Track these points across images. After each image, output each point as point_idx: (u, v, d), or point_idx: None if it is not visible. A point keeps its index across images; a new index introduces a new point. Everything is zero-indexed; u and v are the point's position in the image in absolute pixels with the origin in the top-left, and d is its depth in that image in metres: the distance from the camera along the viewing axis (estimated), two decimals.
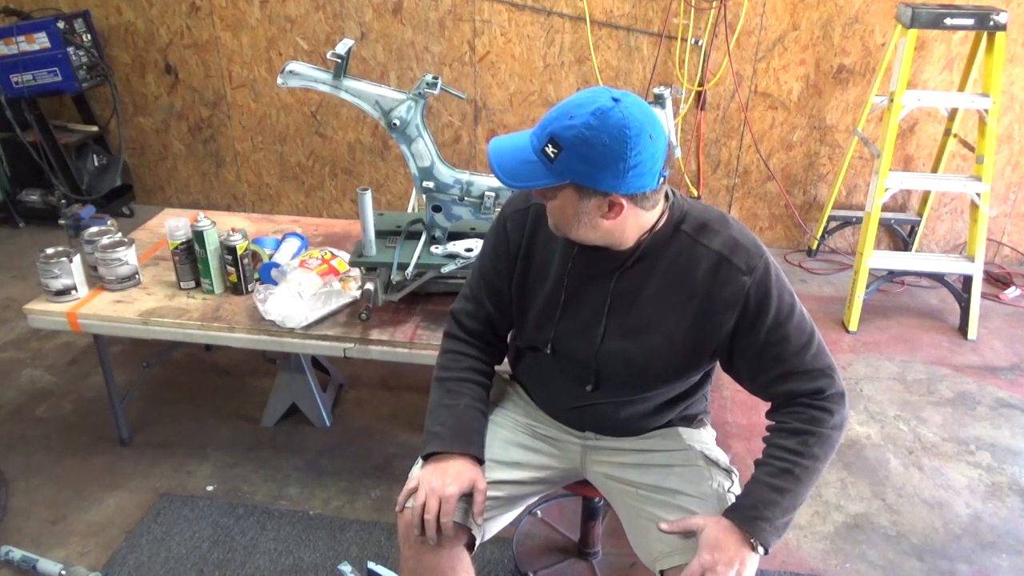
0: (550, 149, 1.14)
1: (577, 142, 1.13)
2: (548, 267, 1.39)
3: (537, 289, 1.41)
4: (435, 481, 1.32)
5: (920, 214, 3.63)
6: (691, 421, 1.51)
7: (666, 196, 1.30)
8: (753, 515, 1.23)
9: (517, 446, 1.50)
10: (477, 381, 1.47)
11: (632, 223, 1.24)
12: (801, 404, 1.28)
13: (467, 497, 1.38)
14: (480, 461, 1.40)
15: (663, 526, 1.28)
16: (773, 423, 1.32)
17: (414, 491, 1.34)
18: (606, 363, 1.37)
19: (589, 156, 1.13)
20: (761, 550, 1.23)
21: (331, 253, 2.21)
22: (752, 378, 1.33)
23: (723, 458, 1.44)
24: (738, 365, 1.33)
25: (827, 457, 1.27)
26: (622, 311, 1.33)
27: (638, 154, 1.13)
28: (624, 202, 1.19)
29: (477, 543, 1.43)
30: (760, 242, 1.30)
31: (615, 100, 1.13)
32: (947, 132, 3.40)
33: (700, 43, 3.44)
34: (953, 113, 3.35)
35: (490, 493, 1.41)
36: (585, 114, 1.13)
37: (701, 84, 3.51)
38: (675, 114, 2.26)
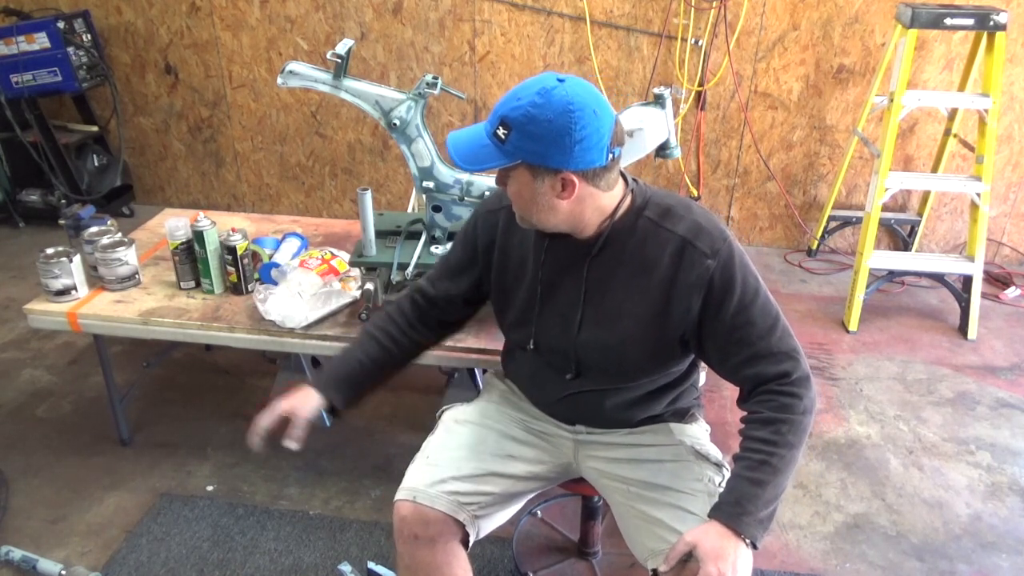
0: (501, 131, 1.21)
1: (524, 120, 1.18)
2: (524, 266, 1.42)
3: (516, 288, 1.44)
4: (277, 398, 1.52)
5: (920, 214, 3.63)
6: (682, 416, 1.52)
7: (626, 182, 1.33)
8: (737, 511, 1.23)
9: (510, 439, 1.52)
10: (380, 341, 1.52)
11: (590, 205, 1.28)
12: (769, 391, 1.29)
13: (459, 493, 1.41)
14: (328, 399, 1.51)
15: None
16: (745, 414, 1.33)
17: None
18: (584, 352, 1.39)
19: (536, 133, 1.18)
20: (751, 544, 1.23)
21: (331, 253, 2.21)
22: (720, 362, 1.35)
23: (714, 452, 1.45)
24: (707, 349, 1.34)
25: (801, 443, 1.28)
26: (596, 300, 1.36)
27: (583, 128, 1.18)
28: (576, 179, 1.23)
29: (472, 539, 1.44)
30: (724, 226, 1.32)
31: (559, 80, 1.20)
32: (947, 132, 3.40)
33: (700, 43, 3.44)
34: (953, 113, 3.35)
35: (486, 489, 1.44)
36: (531, 94, 1.19)
37: (701, 84, 3.51)
38: (675, 114, 2.25)
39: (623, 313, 1.34)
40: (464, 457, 1.47)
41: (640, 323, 1.33)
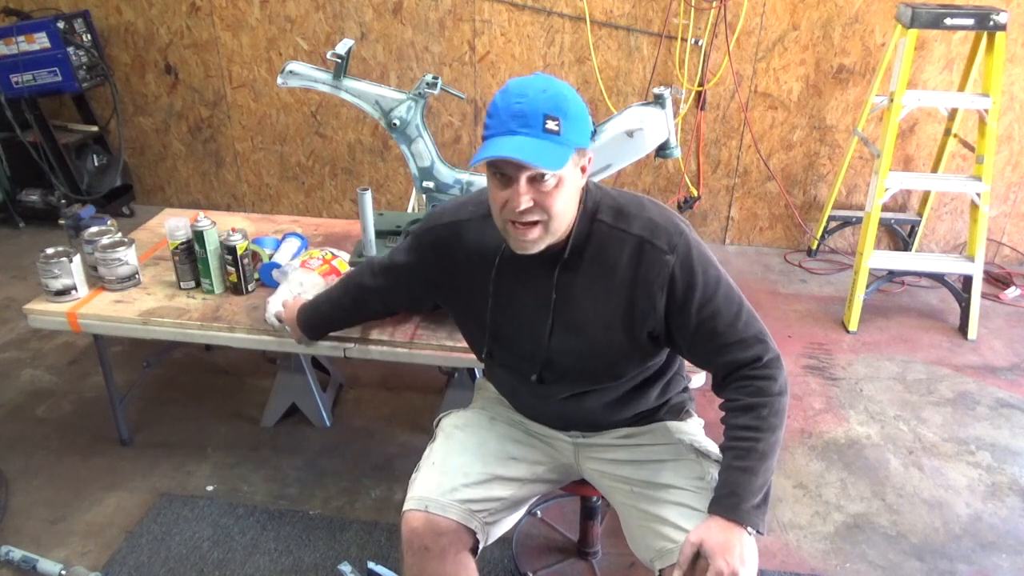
0: (552, 124, 1.17)
1: (563, 103, 1.19)
2: (474, 279, 1.40)
3: (469, 302, 1.44)
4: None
5: (920, 214, 3.64)
6: (677, 413, 1.52)
7: None
8: (735, 502, 1.24)
9: (512, 441, 1.53)
10: (344, 307, 1.79)
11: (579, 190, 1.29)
12: (744, 376, 1.30)
13: (470, 501, 1.40)
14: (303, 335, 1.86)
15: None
16: (723, 402, 1.34)
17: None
18: (557, 359, 1.38)
19: (575, 113, 1.20)
20: (754, 532, 1.24)
21: (331, 253, 2.20)
22: (691, 353, 1.36)
23: (713, 448, 1.45)
24: (677, 342, 1.35)
25: (782, 423, 1.29)
26: (564, 307, 1.35)
27: (583, 103, 1.24)
28: (591, 155, 1.26)
29: (481, 547, 1.43)
30: (679, 219, 1.32)
31: (535, 74, 1.24)
32: (947, 132, 3.40)
33: (700, 43, 3.44)
34: (953, 113, 3.35)
35: (494, 494, 1.44)
36: (545, 83, 1.20)
37: (701, 84, 3.51)
38: (675, 114, 2.26)
39: (589, 319, 1.33)
40: (470, 462, 1.46)
41: (607, 327, 1.33)
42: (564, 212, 1.24)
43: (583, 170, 1.26)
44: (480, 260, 1.38)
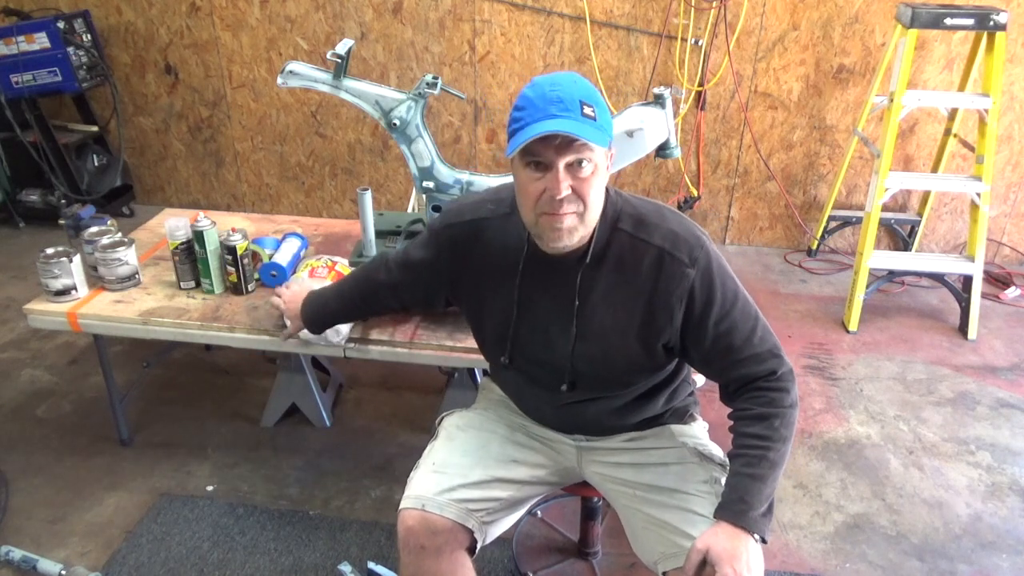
0: (588, 110, 1.19)
1: (596, 95, 1.22)
2: (496, 281, 1.39)
3: (489, 305, 1.42)
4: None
5: (920, 214, 3.64)
6: (682, 417, 1.52)
7: None
8: (743, 508, 1.24)
9: (514, 444, 1.52)
10: (351, 302, 1.73)
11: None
12: (757, 388, 1.30)
13: (468, 501, 1.40)
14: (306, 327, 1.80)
15: None
16: (733, 410, 1.34)
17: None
18: (579, 364, 1.38)
19: (604, 105, 1.23)
20: (759, 539, 1.24)
21: (331, 261, 2.19)
22: (705, 365, 1.36)
23: (717, 452, 1.45)
24: (691, 354, 1.35)
25: (792, 435, 1.30)
26: (585, 313, 1.34)
27: None
28: (614, 151, 1.29)
29: (479, 546, 1.43)
30: (699, 231, 1.32)
31: (556, 72, 1.27)
32: (947, 132, 3.40)
33: (700, 43, 3.44)
34: (953, 113, 3.35)
35: (493, 495, 1.44)
36: (574, 76, 1.25)
37: (701, 84, 3.51)
38: (675, 114, 2.26)
39: (607, 327, 1.33)
40: (470, 464, 1.45)
41: (625, 336, 1.33)
42: (597, 203, 1.25)
43: (609, 162, 1.27)
44: (503, 261, 1.37)
